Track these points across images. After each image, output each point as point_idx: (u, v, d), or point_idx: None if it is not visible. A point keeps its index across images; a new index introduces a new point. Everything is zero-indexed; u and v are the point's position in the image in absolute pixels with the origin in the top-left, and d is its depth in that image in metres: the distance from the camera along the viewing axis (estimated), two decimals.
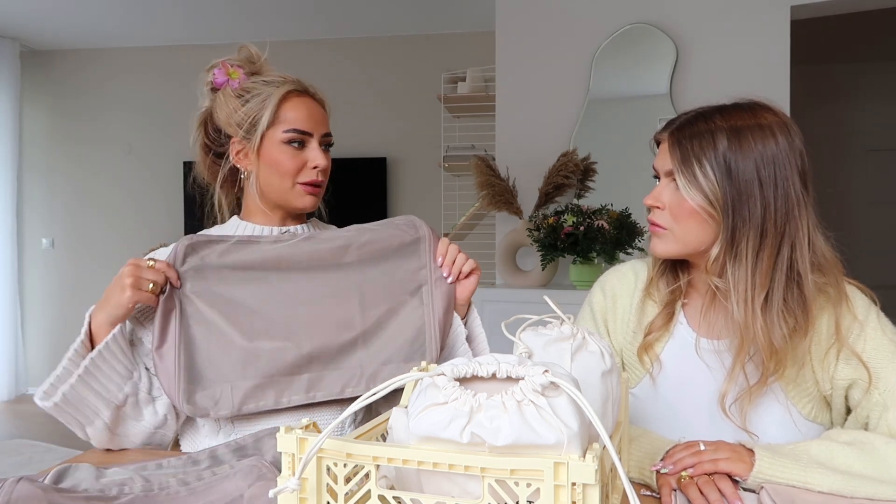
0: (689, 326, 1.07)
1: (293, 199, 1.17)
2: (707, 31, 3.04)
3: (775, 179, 0.94)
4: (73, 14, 4.25)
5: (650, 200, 1.04)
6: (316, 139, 1.16)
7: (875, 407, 0.95)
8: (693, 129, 0.98)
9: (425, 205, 4.51)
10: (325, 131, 1.18)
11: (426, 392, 0.57)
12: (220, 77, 1.17)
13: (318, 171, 1.16)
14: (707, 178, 0.95)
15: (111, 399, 1.01)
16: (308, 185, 1.16)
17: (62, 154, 4.98)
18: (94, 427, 1.02)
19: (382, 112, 4.61)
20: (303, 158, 1.15)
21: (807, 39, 3.66)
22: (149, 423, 1.06)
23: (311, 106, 1.17)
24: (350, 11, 4.18)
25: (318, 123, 1.17)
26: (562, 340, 0.73)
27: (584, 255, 2.79)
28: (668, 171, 1.01)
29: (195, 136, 1.24)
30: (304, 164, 1.16)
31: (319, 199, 1.20)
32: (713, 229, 0.98)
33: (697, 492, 0.82)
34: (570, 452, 0.52)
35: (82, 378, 0.99)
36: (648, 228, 1.06)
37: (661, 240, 1.03)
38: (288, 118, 1.15)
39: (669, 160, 0.99)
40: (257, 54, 1.20)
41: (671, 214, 1.01)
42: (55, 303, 4.97)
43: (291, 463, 0.58)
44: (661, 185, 1.03)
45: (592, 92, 3.18)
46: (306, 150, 1.16)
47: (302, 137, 1.15)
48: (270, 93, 1.15)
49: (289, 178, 1.15)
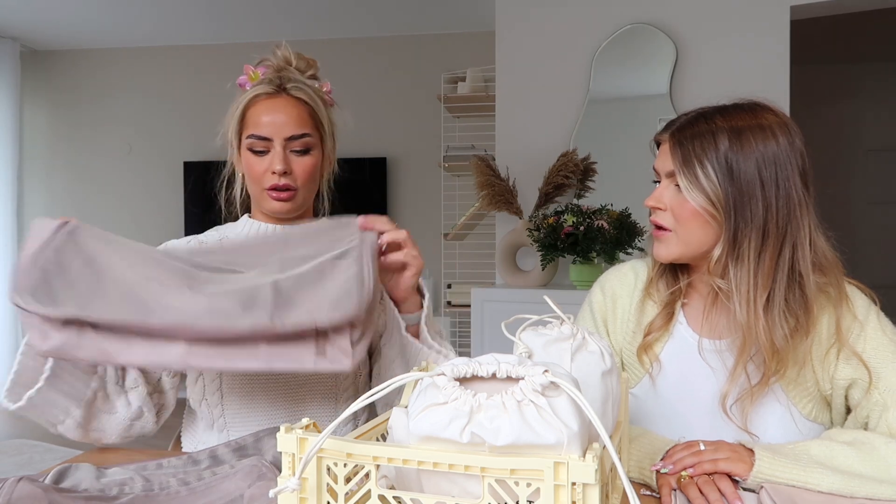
0: (688, 327, 1.07)
1: (264, 203, 1.15)
2: (707, 31, 3.04)
3: (777, 179, 0.94)
4: (73, 14, 4.25)
5: (651, 202, 1.04)
6: (278, 143, 1.11)
7: (875, 406, 0.95)
8: (694, 130, 0.98)
9: (425, 205, 4.51)
10: (290, 134, 1.12)
11: (426, 392, 0.57)
12: (242, 77, 1.18)
13: (278, 177, 1.11)
14: (709, 179, 0.95)
15: (79, 396, 0.98)
16: (273, 191, 1.12)
17: (62, 154, 4.98)
18: (65, 426, 0.99)
19: (382, 112, 4.61)
20: (266, 164, 1.13)
21: (807, 39, 3.67)
22: (123, 415, 1.04)
23: (279, 108, 1.12)
24: (350, 12, 4.18)
25: (282, 127, 1.11)
26: (562, 340, 0.73)
27: (584, 255, 2.79)
28: (669, 172, 1.00)
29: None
30: (267, 170, 1.12)
31: (295, 203, 1.15)
32: (715, 231, 0.98)
33: (697, 492, 0.82)
34: (570, 452, 0.52)
35: (48, 380, 0.95)
36: (652, 232, 1.06)
37: (664, 244, 1.03)
38: (250, 123, 1.13)
39: (671, 161, 0.99)
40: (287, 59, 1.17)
41: (673, 216, 1.01)
42: None
43: (291, 463, 0.59)
44: (662, 186, 1.03)
45: (592, 92, 3.18)
46: (269, 156, 1.13)
47: (263, 144, 1.12)
48: (242, 97, 1.15)
49: (257, 184, 1.14)
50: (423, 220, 4.53)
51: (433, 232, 4.27)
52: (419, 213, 4.59)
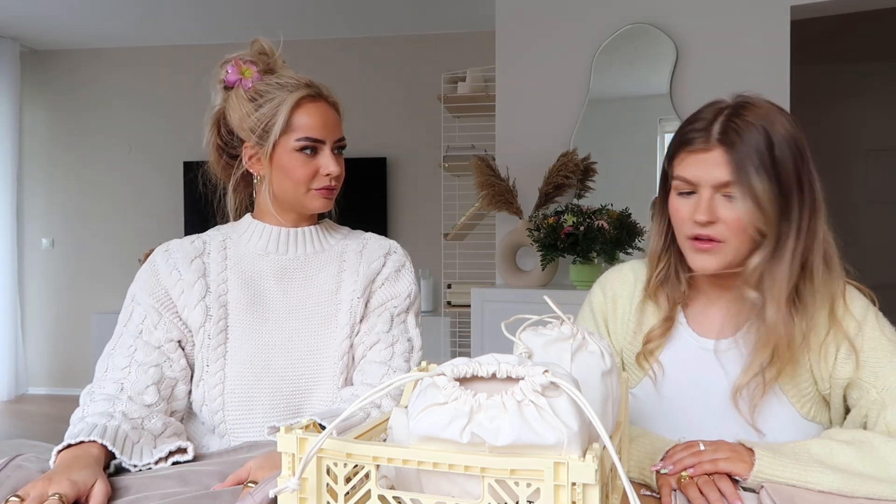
0: (688, 327, 1.07)
1: (307, 202, 1.16)
2: (707, 31, 3.04)
3: (808, 175, 0.95)
4: (73, 14, 4.25)
5: (705, 216, 0.95)
6: (328, 146, 1.15)
7: (873, 406, 0.95)
8: (743, 137, 0.93)
9: (425, 205, 4.51)
10: (337, 136, 1.17)
11: (426, 392, 0.57)
12: (232, 75, 1.14)
13: (330, 178, 1.15)
14: (763, 187, 0.92)
15: None
16: (322, 190, 1.16)
17: (62, 154, 4.98)
18: None
19: (382, 112, 4.61)
20: (315, 165, 1.14)
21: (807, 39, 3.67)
22: None
23: (324, 111, 1.15)
24: (350, 12, 4.18)
25: (330, 129, 1.15)
26: (562, 340, 0.73)
27: (584, 255, 2.79)
28: (720, 182, 0.94)
29: (208, 136, 1.22)
30: (317, 171, 1.14)
31: (333, 201, 1.19)
32: (753, 240, 0.96)
33: (697, 492, 0.82)
34: (570, 452, 0.52)
35: None
36: (693, 245, 0.98)
37: (715, 256, 0.97)
38: (300, 125, 1.13)
39: (724, 172, 0.94)
40: (270, 49, 1.17)
41: (727, 227, 0.95)
42: (55, 303, 4.97)
43: (291, 463, 0.58)
44: (707, 197, 0.95)
45: (592, 92, 3.18)
46: (318, 157, 1.14)
47: (314, 145, 1.14)
48: (284, 98, 1.12)
49: (302, 185, 1.14)
50: (423, 220, 4.53)
51: (433, 232, 4.27)
52: (419, 213, 4.58)
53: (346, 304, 1.17)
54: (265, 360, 1.12)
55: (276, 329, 1.14)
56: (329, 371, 1.14)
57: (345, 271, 1.20)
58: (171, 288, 1.13)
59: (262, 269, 1.17)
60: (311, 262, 1.20)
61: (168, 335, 1.11)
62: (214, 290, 1.14)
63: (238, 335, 1.12)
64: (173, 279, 1.13)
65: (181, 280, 1.13)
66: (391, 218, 4.63)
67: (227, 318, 1.13)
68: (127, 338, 1.10)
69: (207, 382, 1.11)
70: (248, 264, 1.17)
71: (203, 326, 1.12)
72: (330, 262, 1.21)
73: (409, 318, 1.22)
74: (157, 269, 1.14)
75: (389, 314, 1.19)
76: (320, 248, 1.21)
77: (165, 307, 1.11)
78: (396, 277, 1.22)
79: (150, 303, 1.11)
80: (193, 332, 1.12)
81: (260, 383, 1.11)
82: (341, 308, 1.17)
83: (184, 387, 1.12)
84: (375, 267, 1.20)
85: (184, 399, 1.12)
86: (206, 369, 1.11)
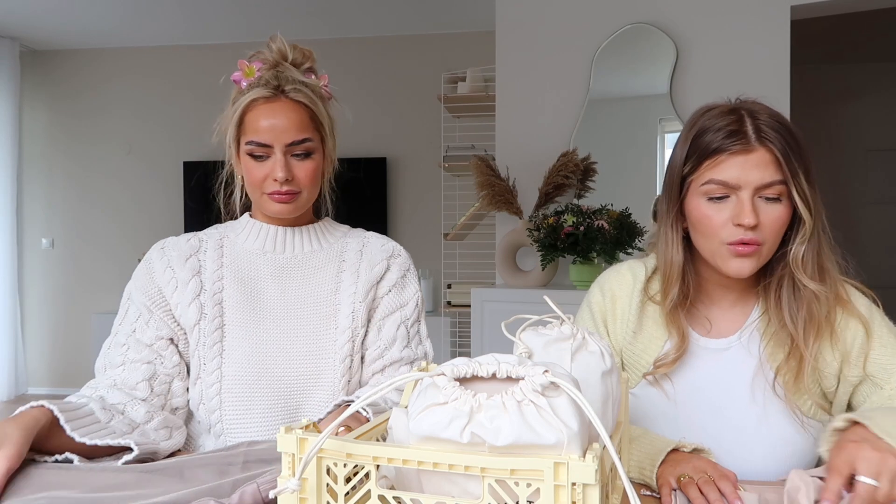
0: (694, 332, 1.07)
1: (264, 205, 1.14)
2: (707, 31, 3.04)
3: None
4: (73, 14, 4.25)
5: (752, 219, 0.93)
6: (279, 150, 1.09)
7: (886, 402, 0.96)
8: (779, 136, 0.94)
9: (425, 205, 4.51)
10: (291, 140, 1.09)
11: (426, 392, 0.57)
12: (236, 73, 1.14)
13: (279, 184, 1.09)
14: (805, 182, 0.94)
15: None
16: (274, 195, 1.11)
17: (62, 154, 4.98)
18: None
19: (382, 112, 4.61)
20: (266, 169, 1.10)
21: (807, 39, 3.66)
22: None
23: (280, 113, 1.09)
24: (350, 11, 4.18)
25: (282, 133, 1.08)
26: (562, 340, 0.73)
27: (584, 255, 2.79)
28: (765, 183, 0.93)
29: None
30: (268, 176, 1.11)
31: (297, 204, 1.13)
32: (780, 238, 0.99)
33: (697, 492, 0.82)
34: (570, 452, 0.52)
35: None
36: (736, 250, 0.96)
37: (753, 259, 0.96)
38: (249, 129, 1.10)
39: (771, 171, 0.93)
40: (281, 49, 1.14)
41: (769, 228, 0.95)
42: (55, 303, 4.97)
43: (291, 463, 0.58)
44: (748, 198, 0.94)
45: (592, 92, 3.17)
46: (269, 161, 1.10)
47: (263, 150, 1.10)
48: (238, 100, 1.11)
49: (257, 189, 1.12)
50: (423, 220, 4.53)
51: (433, 232, 4.27)
52: (419, 213, 4.58)
53: (346, 306, 1.16)
54: (263, 360, 1.11)
55: (274, 328, 1.13)
56: (329, 373, 1.14)
57: (344, 271, 1.19)
58: (165, 286, 1.12)
59: (259, 267, 1.17)
60: (309, 261, 1.19)
61: (158, 333, 1.11)
62: (209, 288, 1.13)
63: (235, 334, 1.12)
64: (167, 277, 1.13)
65: (174, 278, 1.13)
66: (391, 218, 4.63)
67: (222, 317, 1.13)
68: (121, 336, 1.11)
69: (205, 381, 1.11)
70: (245, 263, 1.17)
71: (198, 325, 1.11)
72: (329, 261, 1.20)
73: (421, 329, 1.23)
74: (151, 267, 1.14)
75: (405, 329, 1.19)
76: (318, 247, 1.20)
77: (157, 305, 1.12)
78: (403, 284, 1.21)
79: (142, 301, 1.12)
80: (188, 331, 1.12)
81: (258, 383, 1.10)
82: (341, 310, 1.16)
83: (180, 383, 1.11)
84: (378, 271, 1.19)
85: (182, 396, 1.12)
86: (203, 367, 1.11)
